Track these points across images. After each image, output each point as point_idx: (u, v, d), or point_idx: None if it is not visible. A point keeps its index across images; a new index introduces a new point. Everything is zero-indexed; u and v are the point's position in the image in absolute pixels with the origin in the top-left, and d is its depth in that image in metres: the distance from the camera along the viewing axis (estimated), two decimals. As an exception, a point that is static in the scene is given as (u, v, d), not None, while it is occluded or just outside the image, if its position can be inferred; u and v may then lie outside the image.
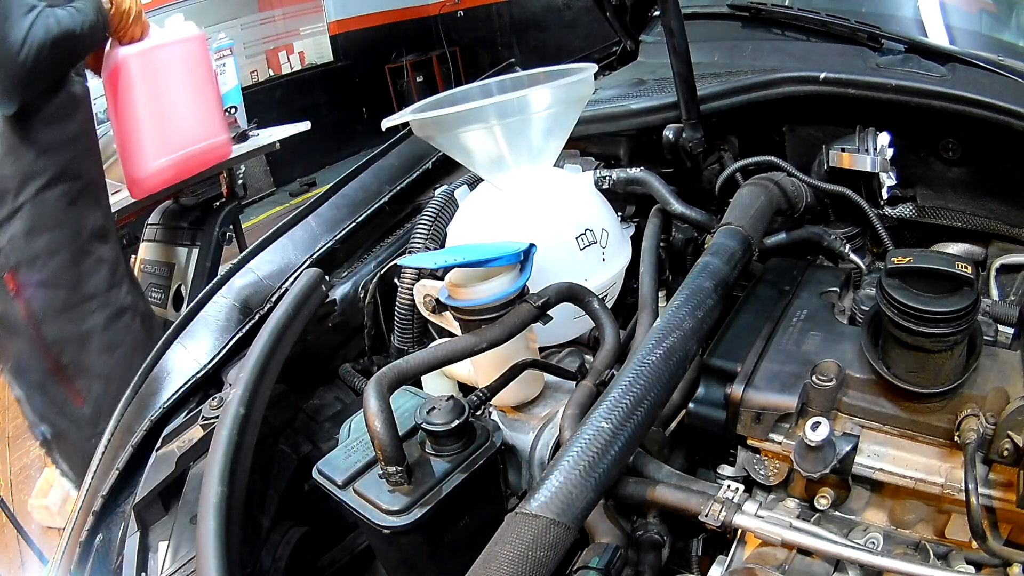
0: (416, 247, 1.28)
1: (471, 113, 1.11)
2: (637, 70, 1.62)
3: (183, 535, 0.89)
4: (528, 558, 0.64)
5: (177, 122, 2.32)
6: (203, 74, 2.42)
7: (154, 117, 2.25)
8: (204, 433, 1.03)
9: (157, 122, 2.26)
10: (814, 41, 1.35)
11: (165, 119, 2.28)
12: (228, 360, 1.19)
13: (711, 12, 1.52)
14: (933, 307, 0.79)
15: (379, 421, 0.76)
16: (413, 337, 1.28)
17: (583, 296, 1.00)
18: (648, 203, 1.31)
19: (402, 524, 0.76)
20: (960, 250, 1.23)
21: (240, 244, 3.20)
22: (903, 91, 1.12)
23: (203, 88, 2.41)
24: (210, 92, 2.47)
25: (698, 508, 0.78)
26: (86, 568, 0.99)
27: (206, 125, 2.44)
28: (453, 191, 1.32)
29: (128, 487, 1.06)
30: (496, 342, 0.88)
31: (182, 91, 2.30)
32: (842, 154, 1.24)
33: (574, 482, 0.70)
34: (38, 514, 2.63)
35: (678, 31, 1.18)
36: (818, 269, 1.18)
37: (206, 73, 2.43)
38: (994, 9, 1.38)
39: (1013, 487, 0.78)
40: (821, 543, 0.75)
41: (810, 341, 0.98)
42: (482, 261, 0.94)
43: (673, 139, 1.31)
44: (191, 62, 2.32)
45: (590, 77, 1.17)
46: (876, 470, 0.86)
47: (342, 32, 8.30)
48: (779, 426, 0.92)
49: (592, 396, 0.89)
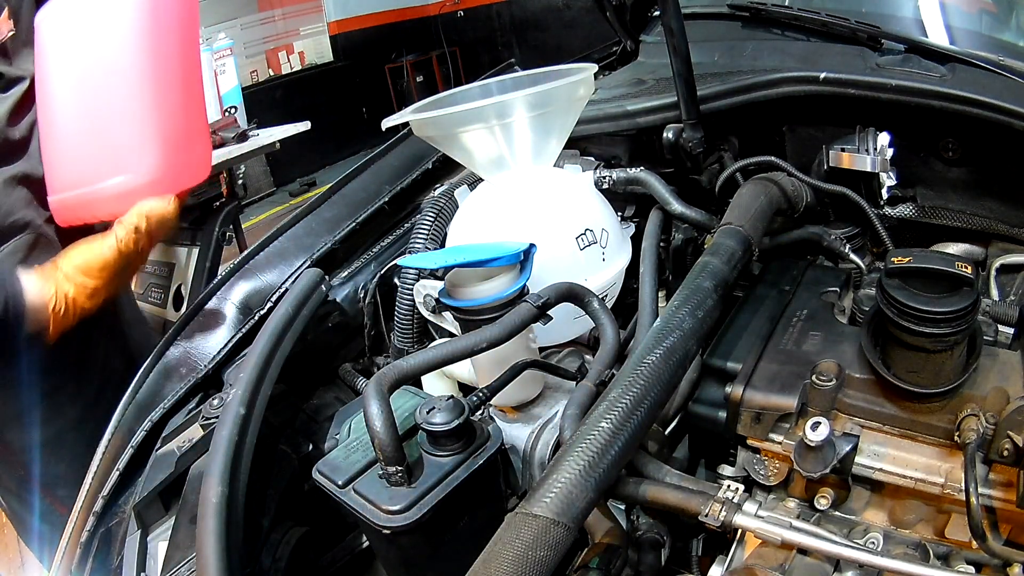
0: (416, 247, 1.28)
1: (471, 113, 1.11)
2: (637, 70, 1.62)
3: (183, 535, 0.89)
4: (528, 558, 0.64)
5: (103, 132, 1.25)
6: (176, 56, 1.28)
7: (69, 119, 1.29)
8: (204, 433, 1.03)
9: (72, 127, 1.29)
10: (814, 41, 1.35)
11: (82, 125, 1.28)
12: (228, 360, 1.19)
13: (711, 12, 1.52)
14: (933, 307, 0.79)
15: (379, 421, 0.76)
16: (413, 337, 1.28)
17: (583, 296, 1.00)
18: (648, 203, 1.31)
19: (402, 524, 0.76)
20: (960, 250, 1.23)
21: (240, 244, 3.20)
22: (903, 91, 1.12)
23: (177, 76, 1.28)
24: (190, 86, 1.31)
25: (698, 508, 0.78)
26: (86, 568, 0.99)
27: (165, 139, 1.25)
28: (453, 191, 1.32)
29: (128, 487, 1.06)
30: (496, 342, 0.88)
31: (128, 79, 1.23)
32: (842, 154, 1.24)
33: (574, 482, 0.70)
34: (38, 514, 2.63)
35: (678, 31, 1.18)
36: (818, 269, 1.18)
37: (183, 55, 1.30)
38: (994, 9, 1.38)
39: (1013, 487, 0.78)
40: (821, 543, 0.75)
41: (810, 341, 0.98)
42: (482, 261, 0.94)
43: (673, 139, 1.31)
44: (152, 30, 1.24)
45: (590, 77, 1.17)
46: (876, 470, 0.86)
47: (342, 32, 8.31)
48: (779, 426, 0.92)
49: (592, 396, 0.89)
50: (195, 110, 1.33)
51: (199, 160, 1.32)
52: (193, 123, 1.32)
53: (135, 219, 1.21)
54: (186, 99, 1.30)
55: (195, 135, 1.32)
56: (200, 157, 1.33)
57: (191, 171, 1.31)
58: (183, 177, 1.29)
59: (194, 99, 1.33)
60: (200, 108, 1.35)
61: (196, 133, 1.32)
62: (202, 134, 1.35)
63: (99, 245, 1.23)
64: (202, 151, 1.34)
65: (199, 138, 1.33)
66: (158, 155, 1.24)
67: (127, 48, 1.24)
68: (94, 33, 1.26)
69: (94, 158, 1.26)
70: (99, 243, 1.23)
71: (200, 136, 1.34)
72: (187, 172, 1.30)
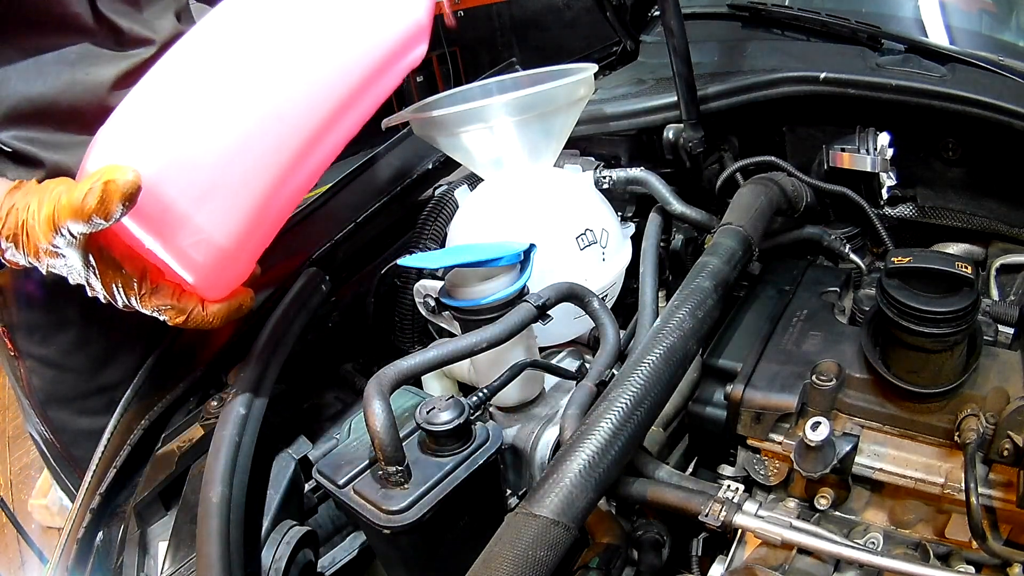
0: (416, 247, 1.28)
1: (471, 113, 1.11)
2: (637, 70, 1.61)
3: (183, 535, 0.89)
4: (528, 558, 0.64)
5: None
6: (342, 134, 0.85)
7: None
8: (204, 433, 1.03)
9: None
10: (814, 41, 1.35)
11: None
12: (228, 360, 1.19)
13: (711, 12, 1.52)
14: (933, 307, 0.79)
15: (379, 421, 0.76)
16: (413, 337, 1.28)
17: (583, 296, 1.00)
18: (648, 203, 1.31)
19: (402, 524, 0.76)
20: (960, 250, 1.23)
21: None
22: (903, 91, 1.12)
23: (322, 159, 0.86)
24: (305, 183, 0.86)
25: (698, 508, 0.78)
26: (86, 568, 0.99)
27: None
28: (453, 191, 1.32)
29: (128, 487, 1.06)
30: (496, 342, 0.88)
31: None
32: (842, 154, 1.24)
33: (574, 482, 0.70)
34: (38, 514, 2.63)
35: (678, 31, 1.18)
36: (818, 269, 1.18)
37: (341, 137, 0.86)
38: (994, 9, 1.38)
39: (1013, 487, 0.78)
40: (821, 543, 0.75)
41: (810, 341, 0.98)
42: (482, 261, 0.94)
43: (673, 139, 1.31)
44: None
45: (590, 77, 1.17)
46: (876, 470, 0.87)
47: (342, 32, 8.29)
48: (779, 426, 0.92)
49: (592, 396, 0.89)
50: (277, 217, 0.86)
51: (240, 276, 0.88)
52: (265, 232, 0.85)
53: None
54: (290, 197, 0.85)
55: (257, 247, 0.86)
56: (241, 275, 0.88)
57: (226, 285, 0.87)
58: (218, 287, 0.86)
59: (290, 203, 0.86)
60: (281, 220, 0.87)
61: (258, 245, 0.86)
62: (259, 249, 0.87)
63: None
64: (245, 269, 0.88)
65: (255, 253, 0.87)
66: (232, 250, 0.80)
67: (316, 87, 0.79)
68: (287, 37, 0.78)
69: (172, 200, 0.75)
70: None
71: (256, 252, 0.88)
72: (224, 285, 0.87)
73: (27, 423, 1.41)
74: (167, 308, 0.83)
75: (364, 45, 0.81)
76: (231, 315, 0.87)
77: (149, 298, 0.82)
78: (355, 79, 0.81)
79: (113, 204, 0.68)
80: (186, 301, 0.83)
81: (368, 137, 1.05)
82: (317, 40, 0.78)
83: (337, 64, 0.80)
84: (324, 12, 0.79)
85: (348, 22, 0.80)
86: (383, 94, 0.86)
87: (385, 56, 0.83)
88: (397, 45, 0.83)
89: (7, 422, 3.33)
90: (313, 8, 0.79)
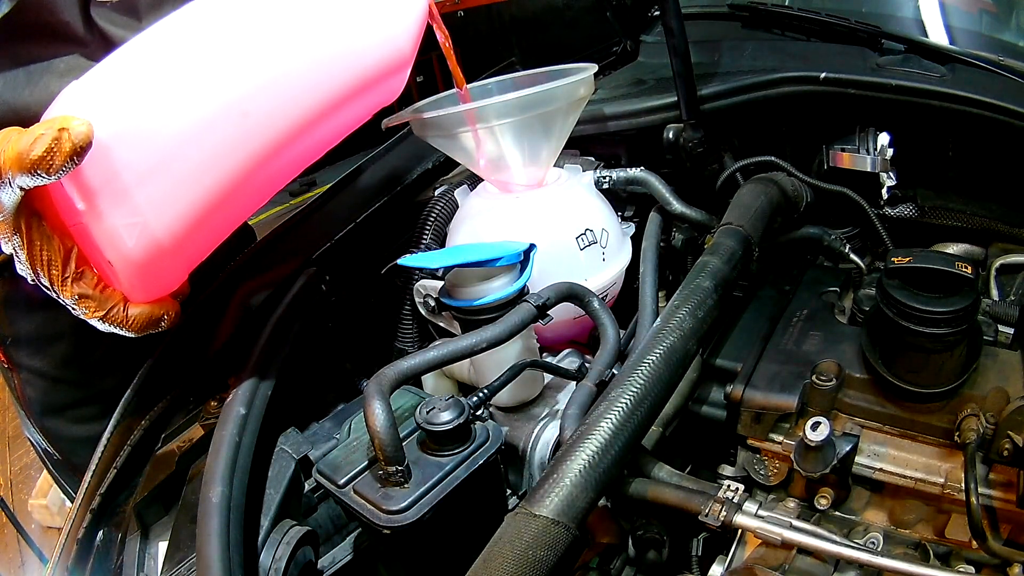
0: (416, 247, 1.28)
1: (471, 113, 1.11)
2: (637, 70, 1.61)
3: (183, 535, 0.89)
4: (528, 558, 0.64)
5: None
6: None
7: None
8: (204, 433, 1.03)
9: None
10: (814, 41, 1.35)
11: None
12: (228, 360, 1.19)
13: (711, 12, 1.52)
14: (933, 307, 0.80)
15: (379, 421, 0.76)
16: (413, 337, 1.28)
17: (583, 296, 1.00)
18: (648, 203, 1.31)
19: (402, 524, 0.76)
20: (960, 250, 1.23)
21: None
22: (903, 91, 1.12)
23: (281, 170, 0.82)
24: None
25: (698, 508, 0.78)
26: (86, 568, 0.99)
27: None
28: (453, 191, 1.32)
29: (128, 487, 1.06)
30: (496, 342, 0.88)
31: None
32: (842, 154, 1.24)
33: (574, 482, 0.70)
34: (38, 514, 2.63)
35: (678, 31, 1.18)
36: (818, 269, 1.18)
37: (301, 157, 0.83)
38: (994, 9, 1.38)
39: (1013, 487, 0.78)
40: (821, 543, 0.75)
41: (810, 341, 0.98)
42: (482, 261, 0.94)
43: (673, 139, 1.31)
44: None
45: (590, 77, 1.17)
46: (876, 470, 0.87)
47: (342, 32, 8.29)
48: (779, 426, 0.92)
49: (592, 396, 0.89)
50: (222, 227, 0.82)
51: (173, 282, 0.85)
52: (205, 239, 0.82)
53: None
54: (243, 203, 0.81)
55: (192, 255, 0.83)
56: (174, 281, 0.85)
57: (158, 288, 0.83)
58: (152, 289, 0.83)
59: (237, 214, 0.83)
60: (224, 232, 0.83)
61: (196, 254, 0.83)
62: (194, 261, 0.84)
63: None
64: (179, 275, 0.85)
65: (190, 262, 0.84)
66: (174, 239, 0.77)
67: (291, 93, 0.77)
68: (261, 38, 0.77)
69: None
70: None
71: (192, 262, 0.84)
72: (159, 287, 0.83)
73: (25, 430, 1.41)
74: (87, 298, 0.79)
75: (342, 65, 0.80)
76: (151, 325, 0.83)
77: (71, 283, 0.78)
78: (326, 95, 0.80)
79: (62, 155, 0.65)
80: (108, 296, 0.80)
81: (368, 137, 1.05)
82: (297, 48, 0.78)
83: (312, 76, 0.79)
84: (311, 24, 0.79)
85: (331, 39, 0.79)
86: (351, 121, 0.84)
87: (361, 80, 0.81)
88: (375, 73, 0.82)
89: (7, 422, 3.33)
90: (300, 18, 0.79)
